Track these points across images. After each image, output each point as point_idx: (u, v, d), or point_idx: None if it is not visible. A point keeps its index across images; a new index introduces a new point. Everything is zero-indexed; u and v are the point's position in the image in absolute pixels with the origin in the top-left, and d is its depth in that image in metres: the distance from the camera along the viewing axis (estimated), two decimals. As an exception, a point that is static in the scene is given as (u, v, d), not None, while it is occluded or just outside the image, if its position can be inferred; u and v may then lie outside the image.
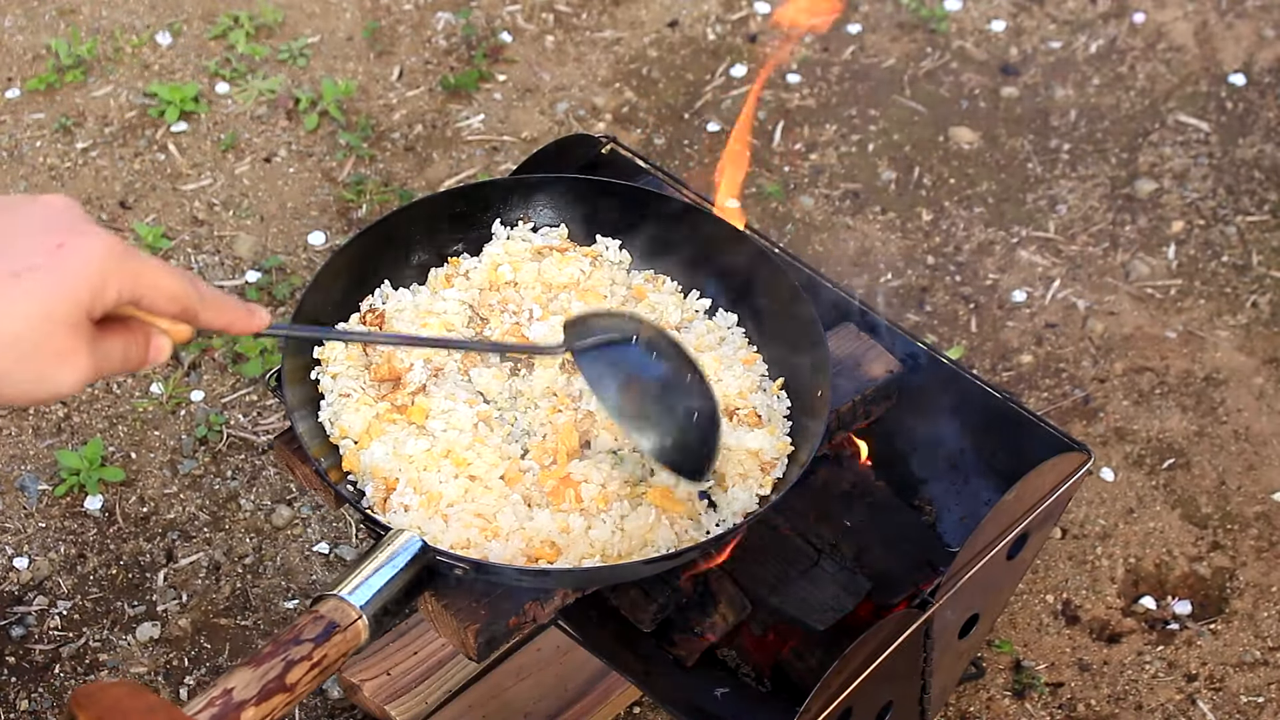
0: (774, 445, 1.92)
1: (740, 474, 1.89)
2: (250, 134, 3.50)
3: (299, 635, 1.55)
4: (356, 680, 2.47)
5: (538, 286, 2.05)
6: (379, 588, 1.63)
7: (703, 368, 1.86)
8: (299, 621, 1.58)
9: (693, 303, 2.09)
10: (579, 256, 2.09)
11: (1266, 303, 3.22)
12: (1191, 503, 2.91)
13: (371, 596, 1.62)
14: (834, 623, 2.00)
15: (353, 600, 1.61)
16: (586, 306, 1.98)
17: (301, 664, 1.53)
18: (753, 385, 1.98)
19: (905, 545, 2.11)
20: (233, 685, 1.48)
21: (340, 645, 1.58)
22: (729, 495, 1.88)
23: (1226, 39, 3.75)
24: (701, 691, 2.00)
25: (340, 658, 1.58)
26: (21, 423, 2.97)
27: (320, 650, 1.55)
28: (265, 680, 1.50)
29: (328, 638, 1.56)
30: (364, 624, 1.60)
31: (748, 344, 2.05)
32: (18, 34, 3.69)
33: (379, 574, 1.64)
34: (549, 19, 3.79)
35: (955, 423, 2.17)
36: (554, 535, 1.79)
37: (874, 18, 3.80)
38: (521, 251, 2.09)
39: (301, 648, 1.54)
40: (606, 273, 2.09)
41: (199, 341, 3.08)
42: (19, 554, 2.78)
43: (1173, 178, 3.45)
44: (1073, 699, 2.63)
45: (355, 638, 1.60)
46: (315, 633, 1.56)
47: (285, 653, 1.53)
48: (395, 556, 1.66)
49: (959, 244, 3.32)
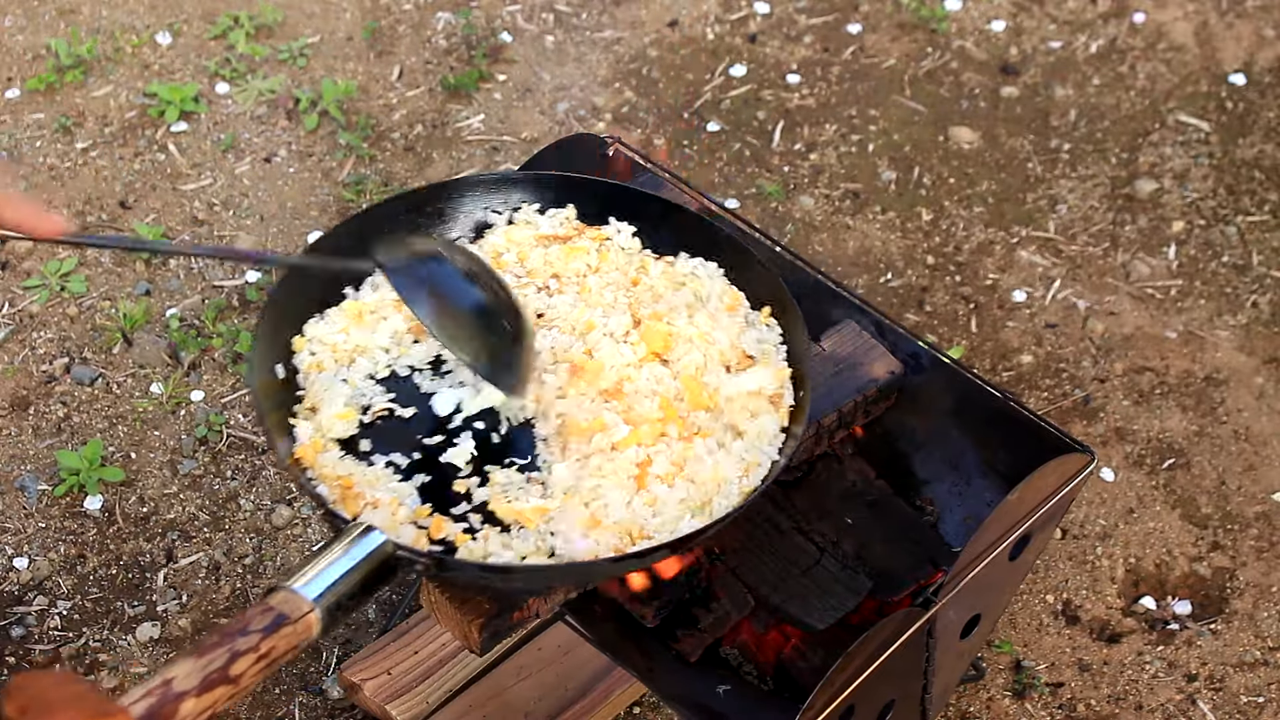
0: (772, 376, 1.91)
1: (750, 414, 1.88)
2: (250, 134, 3.50)
3: (246, 626, 1.50)
4: (357, 680, 2.47)
5: (546, 273, 2.04)
6: (334, 581, 1.59)
7: (509, 285, 1.90)
8: (248, 612, 1.53)
9: (682, 265, 2.08)
10: (586, 246, 2.07)
11: (1266, 303, 3.22)
12: (1191, 503, 2.91)
13: (325, 590, 1.58)
14: (836, 621, 2.00)
15: (305, 593, 1.56)
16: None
17: (247, 655, 1.48)
18: (740, 329, 1.98)
19: (907, 544, 2.11)
20: (173, 675, 1.43)
21: (289, 638, 1.53)
22: (748, 437, 1.87)
23: (1226, 39, 3.75)
24: (704, 688, 2.00)
25: (289, 650, 1.53)
26: (21, 423, 2.97)
27: (268, 642, 1.50)
28: (208, 671, 1.45)
29: (276, 629, 1.52)
30: (316, 617, 1.56)
31: (729, 285, 2.05)
32: (18, 34, 3.69)
33: (334, 567, 1.60)
34: (549, 19, 3.79)
35: (957, 423, 2.16)
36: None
37: (874, 18, 3.80)
38: (527, 239, 2.08)
39: (248, 639, 1.49)
40: (615, 259, 2.07)
41: (199, 341, 3.08)
42: (19, 554, 2.78)
43: (1173, 178, 3.45)
44: (1073, 699, 2.63)
45: (306, 630, 1.55)
46: (264, 624, 1.51)
47: (231, 643, 1.48)
48: (353, 550, 1.62)
49: (959, 244, 3.32)
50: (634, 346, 1.94)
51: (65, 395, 3.01)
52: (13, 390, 3.02)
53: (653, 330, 1.95)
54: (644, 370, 1.92)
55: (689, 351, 1.93)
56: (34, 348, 3.09)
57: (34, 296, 3.16)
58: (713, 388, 1.90)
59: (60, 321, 3.13)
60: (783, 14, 3.80)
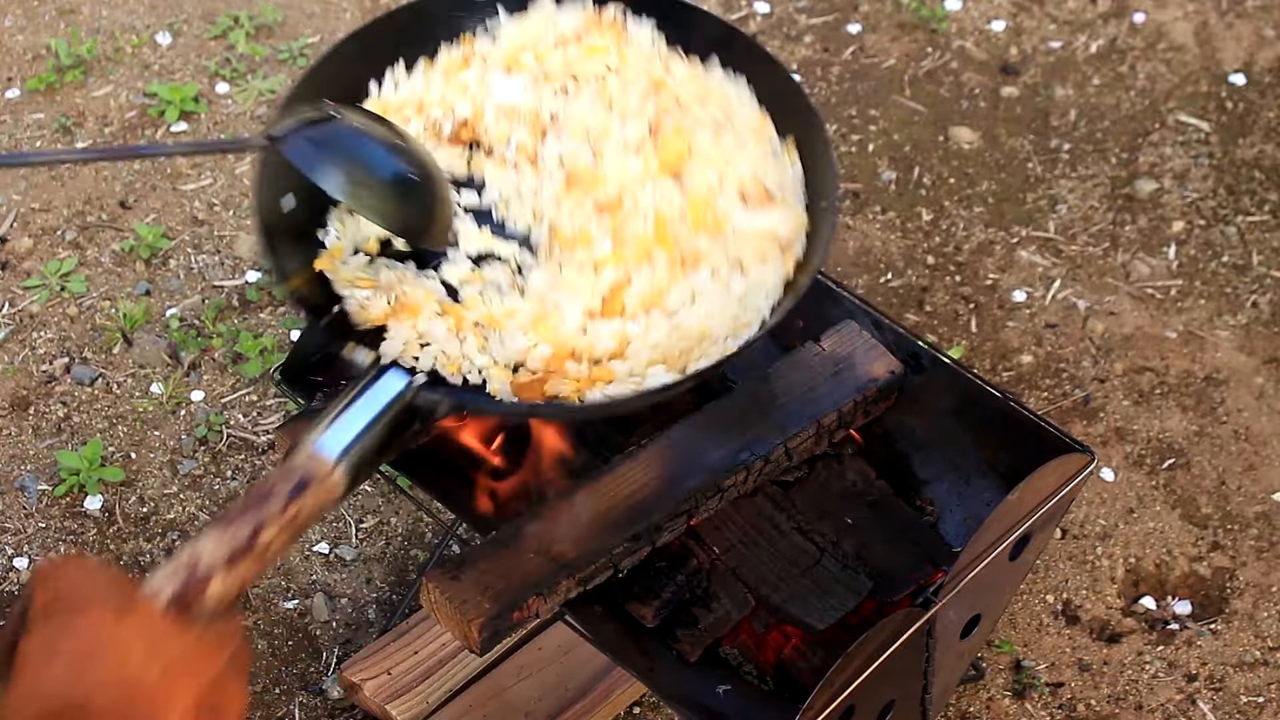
0: (789, 222, 1.76)
1: (758, 257, 1.75)
2: (250, 134, 3.49)
3: (270, 491, 1.44)
4: (357, 680, 2.47)
5: (565, 74, 1.90)
6: (356, 434, 1.50)
7: (409, 133, 1.78)
8: (269, 476, 1.47)
9: (712, 73, 1.91)
10: (605, 45, 1.90)
11: (1267, 303, 3.22)
12: (1191, 503, 2.91)
13: (349, 445, 1.49)
14: (835, 621, 2.00)
15: (327, 450, 1.49)
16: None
17: (274, 523, 1.42)
18: (764, 161, 1.81)
19: (907, 544, 2.11)
20: (199, 552, 1.38)
21: (315, 499, 1.46)
22: (751, 279, 1.73)
23: (1226, 39, 3.76)
24: (704, 688, 2.00)
25: (315, 513, 1.47)
26: (21, 423, 2.97)
27: (294, 506, 1.44)
28: (234, 544, 1.39)
29: (301, 492, 1.45)
30: (340, 476, 1.49)
31: (757, 105, 1.88)
32: (18, 34, 3.69)
33: (356, 419, 1.51)
34: (549, 19, 3.79)
35: (957, 423, 2.17)
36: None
37: (874, 18, 3.80)
38: (543, 37, 1.92)
39: (274, 504, 1.43)
40: (637, 60, 1.90)
41: (199, 341, 3.08)
42: (19, 554, 2.78)
43: (1173, 178, 3.45)
44: (1073, 699, 2.63)
45: (331, 491, 1.48)
46: (288, 487, 1.45)
47: (255, 513, 1.42)
48: (374, 397, 1.53)
49: (959, 244, 3.32)
50: (645, 159, 1.80)
51: (65, 395, 3.01)
52: (13, 390, 3.02)
53: (669, 143, 1.80)
54: (649, 186, 1.79)
55: (705, 170, 1.79)
56: (34, 348, 3.09)
57: (34, 296, 3.17)
58: (722, 214, 1.77)
59: (60, 321, 3.13)
60: (783, 14, 3.80)
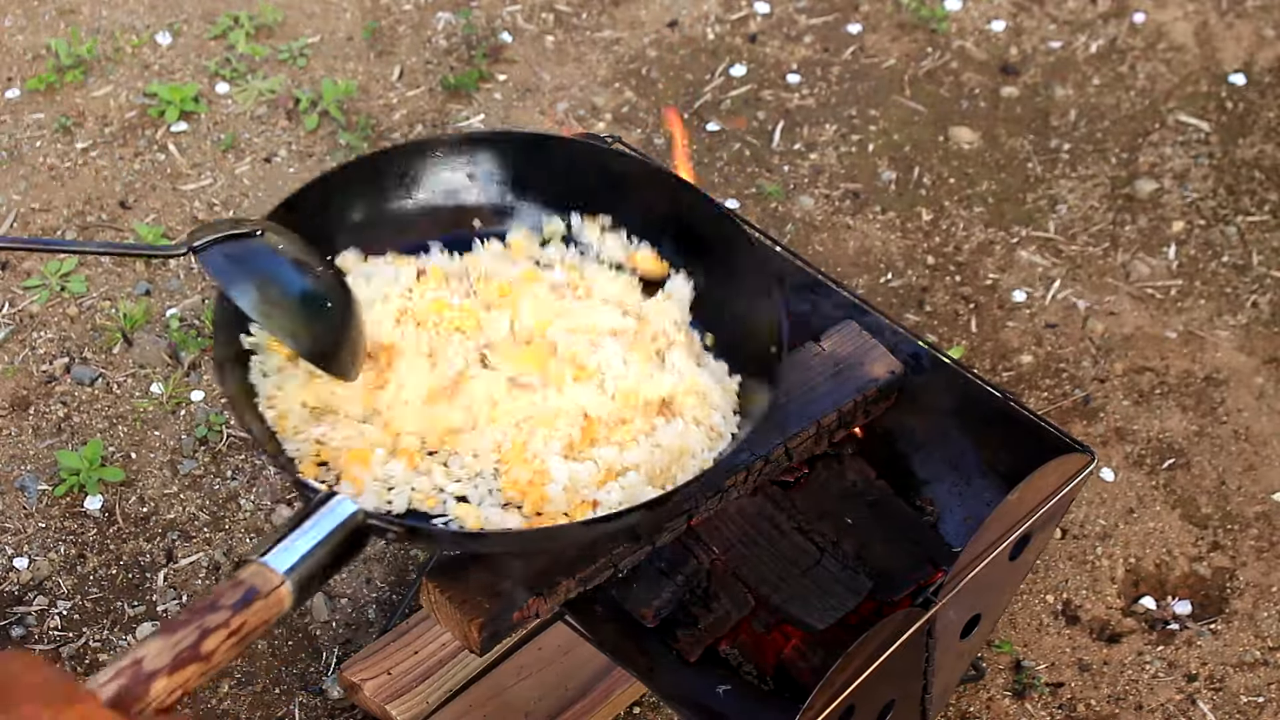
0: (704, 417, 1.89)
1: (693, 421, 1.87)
2: (250, 134, 3.50)
3: (216, 602, 1.48)
4: (357, 680, 2.47)
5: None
6: (305, 553, 1.56)
7: (328, 260, 1.84)
8: (217, 588, 1.50)
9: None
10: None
11: (1266, 303, 3.22)
12: (1191, 503, 2.91)
13: (296, 562, 1.54)
14: (836, 621, 2.00)
15: (275, 565, 1.53)
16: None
17: (219, 631, 1.46)
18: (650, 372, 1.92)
19: (907, 544, 2.11)
20: (143, 655, 1.40)
21: (261, 612, 1.50)
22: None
23: (1226, 39, 3.76)
24: (704, 688, 2.00)
25: (260, 625, 1.51)
26: (21, 423, 2.97)
27: (239, 617, 1.48)
28: (178, 649, 1.42)
29: (247, 604, 1.49)
30: (287, 590, 1.53)
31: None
32: (18, 34, 3.69)
33: (305, 538, 1.57)
34: (549, 19, 3.79)
35: (957, 423, 2.17)
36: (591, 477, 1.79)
37: (874, 18, 3.80)
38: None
39: (218, 614, 1.46)
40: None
41: (199, 341, 3.08)
42: (19, 554, 2.78)
43: (1173, 178, 3.45)
44: (1073, 699, 2.63)
45: (277, 604, 1.52)
46: (234, 599, 1.49)
47: (200, 620, 1.45)
48: (323, 519, 1.59)
49: (959, 244, 3.32)
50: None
51: (65, 395, 3.01)
52: (13, 390, 3.02)
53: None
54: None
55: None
56: (34, 348, 3.09)
57: (34, 296, 3.16)
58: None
59: (60, 321, 3.13)
60: (783, 14, 3.80)
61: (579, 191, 2.08)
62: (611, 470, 1.81)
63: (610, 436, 1.84)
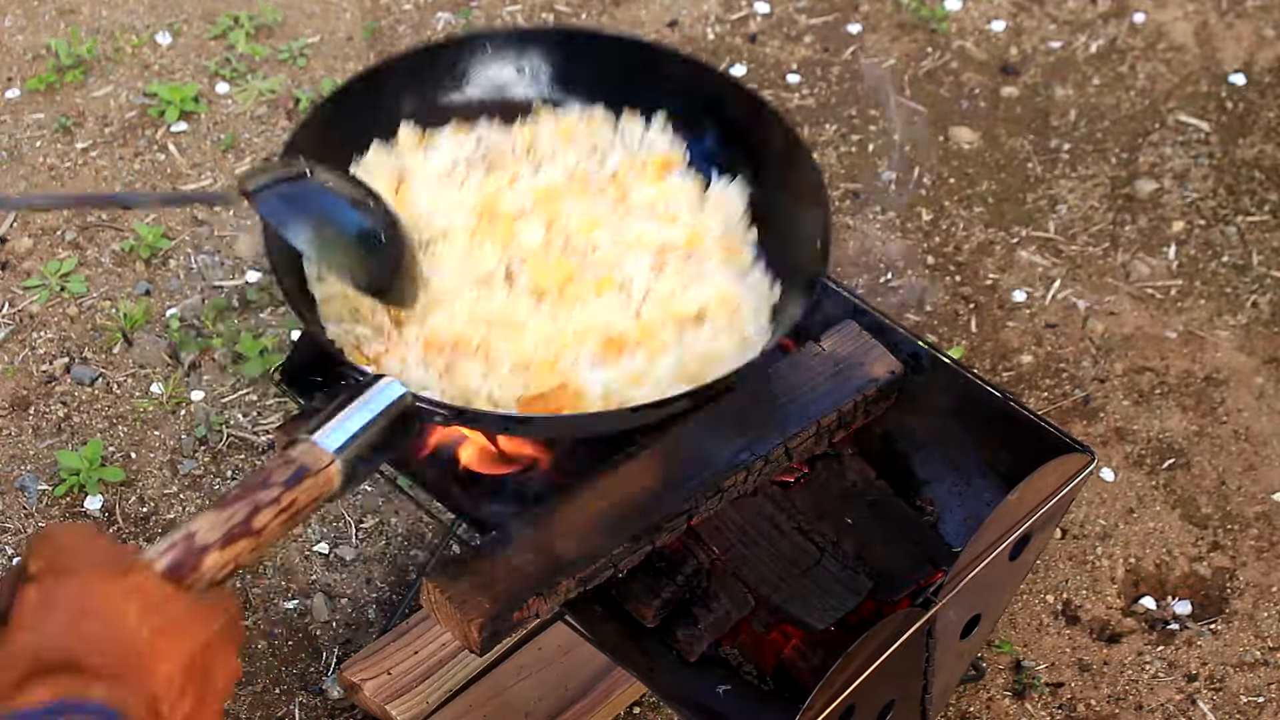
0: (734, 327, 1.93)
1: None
2: (250, 134, 3.50)
3: (267, 479, 1.48)
4: (357, 680, 2.47)
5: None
6: (354, 432, 1.56)
7: (379, 193, 1.87)
8: (268, 465, 1.51)
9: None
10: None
11: (1266, 303, 3.22)
12: (1191, 503, 2.91)
13: (346, 441, 1.54)
14: (835, 621, 2.00)
15: (325, 444, 1.53)
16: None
17: (270, 508, 1.46)
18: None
19: (907, 544, 2.11)
20: (196, 529, 1.41)
21: (310, 490, 1.51)
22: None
23: (1226, 39, 3.76)
24: (704, 688, 2.00)
25: (310, 503, 1.51)
26: (21, 423, 2.97)
27: (290, 494, 1.48)
28: (230, 524, 1.43)
29: (298, 481, 1.49)
30: (336, 469, 1.53)
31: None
32: (18, 34, 3.69)
33: (355, 418, 1.57)
34: (549, 19, 3.79)
35: (957, 423, 2.17)
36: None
37: (874, 18, 3.80)
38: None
39: (270, 491, 1.47)
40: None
41: (199, 341, 3.08)
42: (19, 554, 2.78)
43: (1173, 178, 3.45)
44: (1073, 699, 2.63)
45: (327, 483, 1.52)
46: (285, 476, 1.49)
47: (253, 497, 1.46)
48: (372, 401, 1.59)
49: (959, 244, 3.32)
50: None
51: (65, 395, 3.01)
52: (13, 390, 3.02)
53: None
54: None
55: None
56: (34, 348, 3.09)
57: (34, 296, 3.17)
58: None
59: (60, 321, 3.13)
60: (783, 14, 3.80)
61: (627, 88, 2.09)
62: (642, 376, 1.85)
63: (640, 343, 1.88)
